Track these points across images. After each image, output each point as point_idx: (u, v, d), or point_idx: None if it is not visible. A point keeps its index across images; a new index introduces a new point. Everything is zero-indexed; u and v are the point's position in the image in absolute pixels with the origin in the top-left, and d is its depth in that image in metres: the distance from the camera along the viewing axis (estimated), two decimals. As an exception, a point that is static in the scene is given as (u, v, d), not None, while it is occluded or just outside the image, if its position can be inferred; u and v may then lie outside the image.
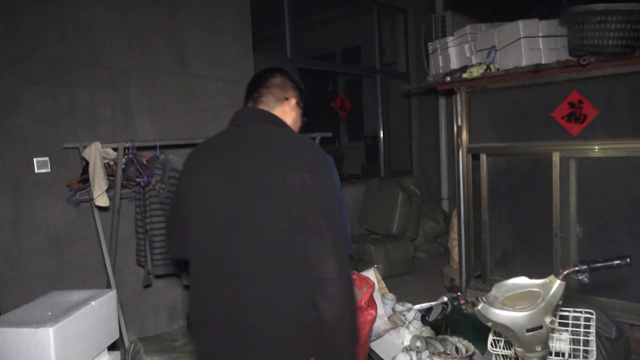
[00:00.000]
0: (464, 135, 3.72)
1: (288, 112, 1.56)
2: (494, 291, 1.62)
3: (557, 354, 1.74)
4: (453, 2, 6.49)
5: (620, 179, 3.03)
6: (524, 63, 3.27)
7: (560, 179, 3.26)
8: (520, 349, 1.57)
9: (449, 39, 3.94)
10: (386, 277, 4.84)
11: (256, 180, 1.32)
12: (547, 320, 1.52)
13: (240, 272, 1.32)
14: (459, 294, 1.56)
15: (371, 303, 2.62)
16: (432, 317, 1.49)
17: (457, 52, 3.87)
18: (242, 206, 1.33)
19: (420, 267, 5.15)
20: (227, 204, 1.35)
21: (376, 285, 2.87)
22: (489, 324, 1.57)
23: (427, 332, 2.99)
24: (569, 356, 1.72)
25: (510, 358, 1.81)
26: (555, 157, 3.25)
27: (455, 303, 1.53)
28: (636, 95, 2.93)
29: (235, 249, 1.33)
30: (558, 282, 1.54)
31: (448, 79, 3.59)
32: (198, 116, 3.96)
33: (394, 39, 6.37)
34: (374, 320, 2.62)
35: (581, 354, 1.69)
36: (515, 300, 1.58)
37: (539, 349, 1.55)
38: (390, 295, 3.12)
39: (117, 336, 2.33)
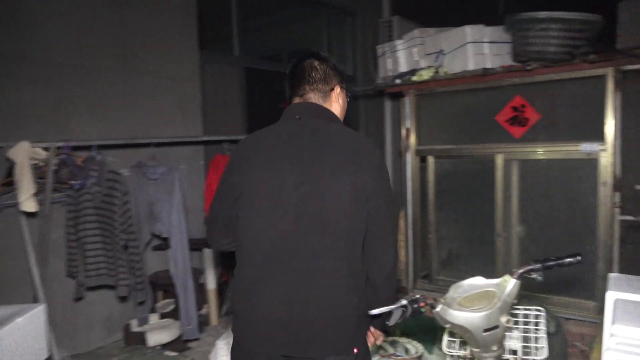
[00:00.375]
0: (413, 137, 3.76)
1: (335, 101, 1.63)
2: (451, 292, 1.60)
3: (509, 352, 1.76)
4: (399, 7, 6.61)
5: (559, 181, 3.15)
6: (470, 67, 3.34)
7: (504, 181, 3.35)
8: (477, 349, 1.56)
9: (398, 42, 3.97)
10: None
11: (329, 179, 1.41)
12: (503, 319, 1.52)
13: (306, 267, 1.40)
14: (417, 296, 1.52)
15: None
16: (392, 321, 1.44)
17: (405, 56, 3.91)
18: (314, 203, 1.41)
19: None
20: (297, 200, 1.41)
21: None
22: (447, 326, 1.55)
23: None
24: (522, 354, 1.74)
25: (465, 358, 1.81)
26: (499, 159, 3.34)
27: (415, 306, 1.49)
28: (575, 100, 3.06)
29: (304, 244, 1.40)
30: (513, 281, 1.54)
31: (398, 81, 3.61)
32: (141, 115, 3.75)
33: (342, 42, 6.38)
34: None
35: (532, 350, 1.71)
36: (473, 301, 1.57)
37: (495, 349, 1.55)
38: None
39: (46, 355, 2.12)
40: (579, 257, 1.55)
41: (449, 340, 1.81)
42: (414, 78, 3.48)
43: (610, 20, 3.01)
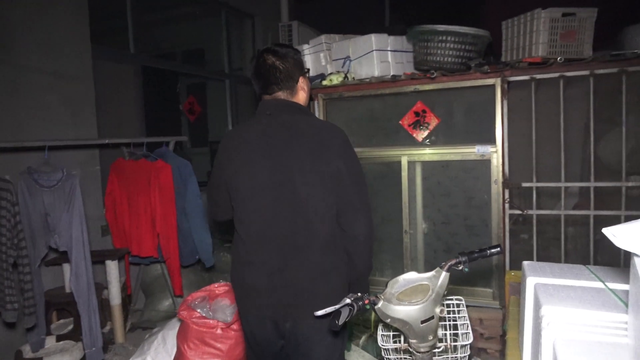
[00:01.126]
0: (322, 140, 3.83)
1: (300, 90, 1.82)
2: (389, 288, 1.67)
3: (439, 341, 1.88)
4: (297, 13, 6.72)
5: (458, 180, 3.44)
6: (376, 74, 3.51)
7: (409, 181, 3.57)
8: (414, 340, 1.64)
9: (305, 47, 4.03)
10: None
11: (299, 167, 1.64)
12: (437, 310, 1.62)
13: (285, 245, 1.67)
14: (359, 294, 1.56)
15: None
16: (341, 320, 1.45)
17: (312, 60, 3.98)
18: (289, 189, 1.65)
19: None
20: (274, 187, 1.66)
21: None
22: (388, 320, 1.60)
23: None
24: (451, 340, 1.87)
25: (399, 351, 1.89)
26: (404, 161, 3.56)
27: (360, 303, 1.51)
28: (470, 107, 3.37)
29: (282, 225, 1.66)
30: (443, 273, 1.65)
31: (308, 85, 3.65)
32: (20, 115, 3.33)
33: (242, 43, 6.29)
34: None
35: (460, 337, 1.84)
36: (409, 295, 1.64)
37: (431, 338, 1.64)
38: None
39: None
40: (499, 249, 1.71)
41: (383, 335, 1.89)
42: (325, 82, 3.55)
43: (495, 36, 3.38)
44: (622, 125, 3.03)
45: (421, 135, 3.53)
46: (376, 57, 3.52)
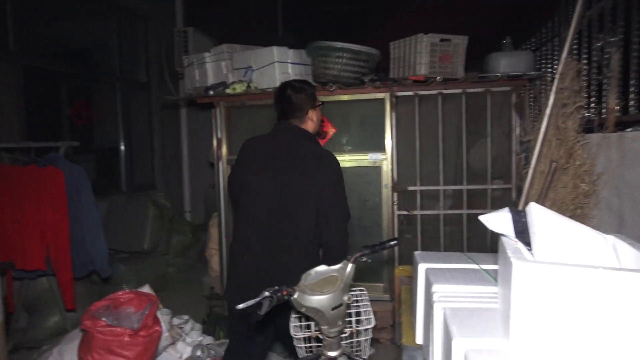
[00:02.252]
0: (224, 147, 3.90)
1: (309, 119, 2.26)
2: (302, 280, 1.83)
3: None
4: (193, 18, 6.66)
5: (352, 185, 3.72)
6: (277, 84, 3.66)
7: (309, 186, 3.78)
8: (325, 327, 1.82)
9: (206, 54, 4.06)
10: (140, 297, 4.55)
11: (293, 180, 2.10)
12: (345, 298, 1.82)
13: (274, 240, 2.11)
14: (276, 287, 1.70)
15: (156, 319, 2.50)
16: (263, 311, 1.58)
17: (214, 68, 4.03)
18: (281, 197, 2.11)
19: (173, 282, 5.04)
20: (271, 194, 2.12)
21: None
22: (303, 310, 1.76)
23: (207, 339, 3.01)
24: (356, 324, 2.08)
25: (309, 339, 2.06)
26: (304, 168, 3.77)
27: (279, 294, 1.65)
28: (363, 118, 3.69)
29: (273, 225, 2.11)
30: (350, 265, 1.85)
31: (211, 92, 3.71)
32: None
33: (134, 45, 6.07)
34: (160, 336, 2.51)
35: (364, 322, 2.07)
36: (321, 286, 1.82)
37: (340, 324, 1.84)
38: (166, 310, 3.02)
39: None
40: (396, 241, 1.96)
41: (295, 326, 2.04)
42: (228, 91, 3.63)
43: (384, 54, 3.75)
44: (487, 137, 3.56)
45: (321, 143, 3.76)
46: (277, 68, 3.69)
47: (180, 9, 6.61)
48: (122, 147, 5.72)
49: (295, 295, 1.74)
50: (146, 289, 2.81)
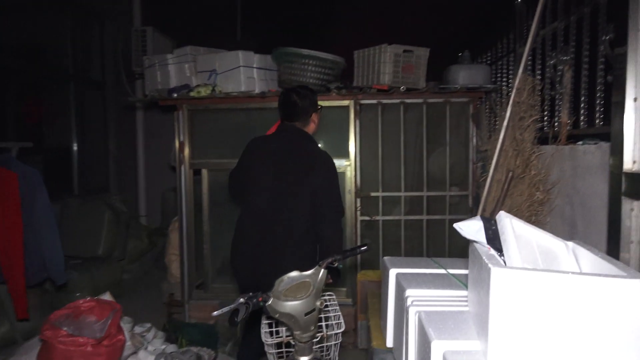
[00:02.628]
0: (187, 151, 3.84)
1: (311, 123, 2.56)
2: (276, 287, 1.84)
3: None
4: (151, 17, 6.50)
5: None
6: (242, 89, 3.67)
7: (273, 191, 3.79)
8: (298, 332, 1.84)
9: (169, 56, 3.99)
10: (94, 305, 4.39)
11: (292, 176, 2.35)
12: (318, 303, 1.85)
13: (273, 230, 2.34)
14: (250, 294, 1.71)
15: (119, 328, 2.44)
16: (239, 317, 1.58)
17: (176, 70, 3.96)
18: (283, 189, 2.34)
19: (129, 289, 4.89)
20: (272, 188, 2.35)
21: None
22: (277, 315, 1.78)
23: (170, 347, 2.96)
24: (327, 329, 2.11)
25: (281, 344, 2.07)
26: (268, 173, 3.77)
27: (254, 301, 1.66)
28: (328, 125, 3.73)
29: (272, 216, 2.34)
30: (322, 270, 1.89)
31: (175, 95, 3.65)
32: None
33: (89, 45, 5.85)
34: (123, 345, 2.45)
35: (335, 326, 2.10)
36: (294, 292, 1.84)
37: (312, 329, 1.87)
38: (127, 319, 2.94)
39: None
40: (366, 247, 2.02)
41: (266, 332, 2.05)
42: (192, 93, 3.59)
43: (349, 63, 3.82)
44: (446, 145, 3.70)
45: (284, 148, 3.79)
46: (243, 72, 3.68)
47: (138, 7, 6.44)
48: (75, 148, 5.50)
49: (270, 302, 1.75)
50: (107, 296, 2.72)
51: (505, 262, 1.23)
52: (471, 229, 1.34)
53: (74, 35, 5.48)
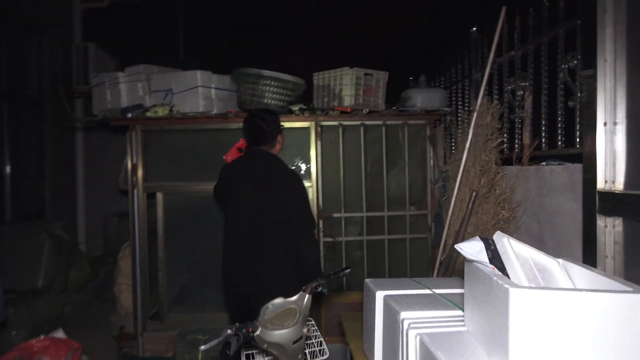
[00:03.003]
0: (140, 173, 3.66)
1: (278, 144, 2.67)
2: (262, 315, 1.77)
3: None
4: (92, 34, 6.22)
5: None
6: (201, 109, 3.57)
7: (233, 214, 3.69)
8: (286, 361, 1.78)
9: (120, 74, 3.81)
10: (32, 342, 4.03)
11: (266, 196, 2.47)
12: (305, 330, 1.80)
13: (255, 247, 2.43)
14: (237, 325, 1.63)
15: (79, 367, 2.24)
16: (232, 350, 1.50)
17: (128, 89, 3.79)
18: (258, 210, 2.46)
19: (71, 323, 4.52)
20: (250, 207, 2.48)
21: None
22: (264, 346, 1.70)
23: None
24: (310, 356, 2.05)
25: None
26: (228, 195, 3.67)
27: (244, 331, 1.59)
28: (289, 146, 3.71)
29: (253, 234, 2.44)
30: (307, 296, 1.84)
31: (129, 115, 3.48)
32: None
33: (24, 61, 5.47)
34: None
35: (319, 353, 2.05)
36: (280, 319, 1.78)
37: (300, 357, 1.81)
38: (86, 357, 2.73)
39: None
40: (349, 270, 2.00)
41: (248, 362, 1.95)
42: (149, 113, 3.44)
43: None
44: (405, 166, 3.80)
45: (244, 170, 3.71)
46: (201, 93, 3.59)
47: (79, 23, 6.15)
48: (8, 170, 5.07)
49: (258, 332, 1.68)
50: (60, 333, 2.50)
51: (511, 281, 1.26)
52: (472, 249, 1.36)
53: (8, 50, 5.10)
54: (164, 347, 3.64)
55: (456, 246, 1.39)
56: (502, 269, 1.33)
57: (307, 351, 2.07)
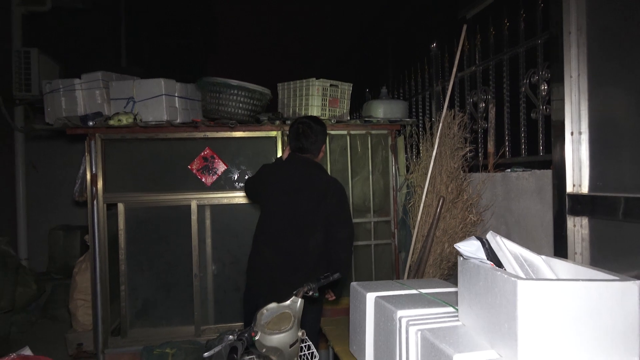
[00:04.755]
0: (100, 184, 3.53)
1: (321, 153, 2.70)
2: (258, 320, 1.79)
3: None
4: (33, 38, 5.91)
5: (245, 222, 3.70)
6: (165, 118, 3.51)
7: (198, 224, 3.65)
8: (282, 365, 1.80)
9: (76, 81, 3.66)
10: (-25, 368, 3.74)
11: (302, 201, 2.55)
12: (300, 333, 1.84)
13: (285, 245, 2.54)
14: (241, 330, 1.65)
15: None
16: (240, 354, 1.51)
17: (86, 97, 3.65)
18: (292, 212, 2.56)
19: (18, 343, 4.22)
20: (284, 209, 2.57)
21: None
22: (264, 350, 1.73)
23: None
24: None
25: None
26: (193, 205, 3.63)
27: (247, 335, 1.61)
28: (254, 154, 3.74)
29: (284, 232, 2.55)
30: (299, 300, 1.89)
31: (91, 123, 3.35)
32: None
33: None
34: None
35: (308, 356, 2.09)
36: (276, 324, 1.81)
37: (295, 360, 1.84)
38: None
39: None
40: (337, 274, 2.06)
41: (241, 369, 1.95)
42: (112, 122, 3.33)
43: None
44: (369, 174, 3.92)
45: (210, 179, 3.69)
46: (165, 101, 3.53)
47: (19, 27, 5.82)
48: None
49: (258, 337, 1.70)
50: (27, 351, 2.35)
51: (508, 276, 1.38)
52: (471, 248, 1.47)
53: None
54: (127, 364, 3.51)
55: (455, 245, 1.50)
56: (498, 265, 1.45)
57: (301, 354, 2.11)
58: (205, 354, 1.52)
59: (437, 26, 3.54)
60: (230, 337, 1.63)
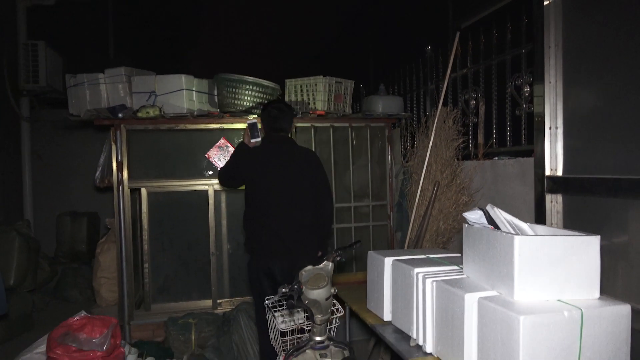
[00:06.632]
0: (125, 171, 3.86)
1: (292, 129, 3.18)
2: (300, 278, 2.20)
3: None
4: (37, 33, 6.09)
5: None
6: (185, 111, 3.85)
7: (215, 208, 4.02)
8: (319, 315, 2.22)
9: (100, 75, 3.96)
10: (5, 341, 4.07)
11: (294, 174, 2.90)
12: (333, 290, 2.26)
13: (285, 218, 2.87)
14: (286, 285, 2.05)
15: (117, 341, 2.52)
16: (296, 300, 1.92)
17: (110, 90, 3.95)
18: (287, 186, 2.89)
19: (40, 321, 4.53)
20: (279, 184, 2.88)
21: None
22: (306, 302, 2.14)
23: (147, 361, 3.03)
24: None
25: (293, 332, 2.40)
26: (210, 190, 3.99)
27: (296, 286, 2.02)
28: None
29: (283, 206, 2.87)
30: (331, 264, 2.30)
31: (120, 115, 3.67)
32: None
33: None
34: (124, 357, 2.54)
35: (335, 311, 2.51)
36: (316, 282, 2.22)
37: (329, 311, 2.26)
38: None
39: None
40: (359, 242, 2.49)
41: (283, 321, 2.36)
42: (140, 114, 3.66)
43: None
44: (368, 162, 4.36)
45: (225, 167, 4.05)
46: (185, 95, 3.87)
47: (24, 20, 6.00)
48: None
49: (303, 291, 2.11)
50: (82, 314, 2.71)
51: (505, 236, 1.82)
52: (475, 216, 1.91)
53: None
54: (151, 334, 3.87)
55: (464, 214, 1.94)
56: (497, 228, 1.90)
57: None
58: (267, 301, 1.92)
59: (430, 31, 3.97)
60: (284, 289, 2.03)
